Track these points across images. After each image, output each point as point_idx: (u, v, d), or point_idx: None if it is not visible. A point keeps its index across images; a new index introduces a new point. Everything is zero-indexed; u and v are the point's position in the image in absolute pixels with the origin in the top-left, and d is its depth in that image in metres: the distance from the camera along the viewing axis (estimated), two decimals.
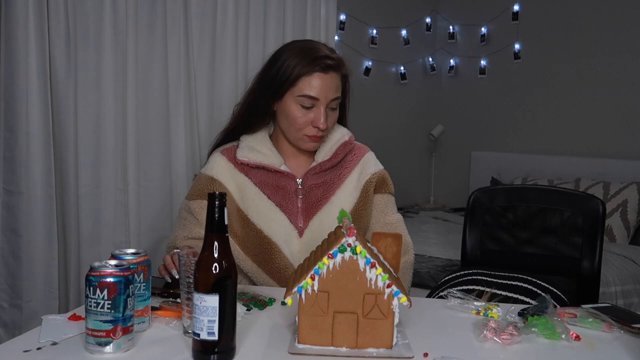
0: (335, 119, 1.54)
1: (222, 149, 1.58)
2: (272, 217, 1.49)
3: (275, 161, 1.53)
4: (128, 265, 1.00)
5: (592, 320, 1.18)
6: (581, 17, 3.96)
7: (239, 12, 2.28)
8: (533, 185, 3.51)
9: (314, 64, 1.44)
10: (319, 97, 1.44)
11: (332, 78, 1.47)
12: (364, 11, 4.13)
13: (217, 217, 0.94)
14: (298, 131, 1.49)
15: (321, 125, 1.45)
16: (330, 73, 1.46)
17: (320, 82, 1.44)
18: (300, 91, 1.45)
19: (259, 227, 1.48)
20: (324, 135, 1.51)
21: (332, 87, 1.47)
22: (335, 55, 1.51)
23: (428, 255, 2.99)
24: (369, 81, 4.20)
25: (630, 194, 3.37)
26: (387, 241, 1.10)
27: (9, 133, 1.95)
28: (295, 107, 1.46)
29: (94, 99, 2.06)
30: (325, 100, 1.45)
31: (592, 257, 1.83)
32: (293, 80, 1.45)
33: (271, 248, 1.48)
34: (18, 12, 1.89)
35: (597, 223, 1.84)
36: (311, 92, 1.44)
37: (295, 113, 1.46)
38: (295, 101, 1.46)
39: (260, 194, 1.51)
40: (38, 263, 1.98)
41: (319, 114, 1.45)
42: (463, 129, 4.64)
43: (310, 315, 0.99)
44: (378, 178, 1.59)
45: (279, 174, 1.52)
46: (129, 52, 2.09)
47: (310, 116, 1.46)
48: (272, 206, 1.50)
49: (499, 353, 1.03)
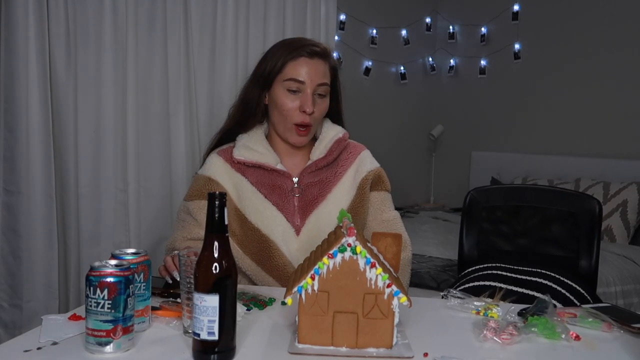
0: (325, 107, 1.55)
1: (219, 150, 1.60)
2: (270, 216, 1.50)
3: (272, 160, 1.54)
4: (128, 265, 1.00)
5: (592, 320, 1.18)
6: (581, 17, 3.96)
7: (239, 12, 2.28)
8: (529, 185, 3.51)
9: (300, 50, 1.50)
10: (304, 80, 1.48)
11: (318, 64, 1.51)
12: (364, 11, 4.13)
13: (217, 217, 0.94)
14: (287, 120, 1.50)
15: (307, 109, 1.47)
16: (315, 59, 1.50)
17: (306, 66, 1.49)
18: (286, 75, 1.49)
19: (257, 226, 1.49)
20: (311, 125, 1.52)
21: (318, 72, 1.50)
22: (322, 45, 1.55)
23: (428, 255, 2.99)
24: (369, 81, 4.20)
25: (630, 194, 3.37)
26: (387, 241, 1.10)
27: (9, 133, 1.95)
28: (283, 92, 1.49)
29: (94, 99, 2.06)
30: (311, 84, 1.48)
31: (589, 256, 1.84)
32: (280, 66, 1.50)
33: (269, 247, 1.48)
34: (18, 12, 1.89)
35: (594, 222, 1.85)
36: (297, 75, 1.48)
37: (283, 99, 1.49)
38: (282, 87, 1.49)
39: (257, 193, 1.52)
40: (38, 263, 1.99)
41: (306, 97, 1.48)
42: (463, 129, 4.64)
43: (310, 315, 1.00)
44: (374, 175, 1.60)
45: (275, 172, 1.53)
46: (129, 52, 2.09)
47: (297, 102, 1.49)
48: (269, 205, 1.51)
49: (499, 353, 1.03)
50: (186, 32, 2.19)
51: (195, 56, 2.23)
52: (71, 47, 2.02)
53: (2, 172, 1.96)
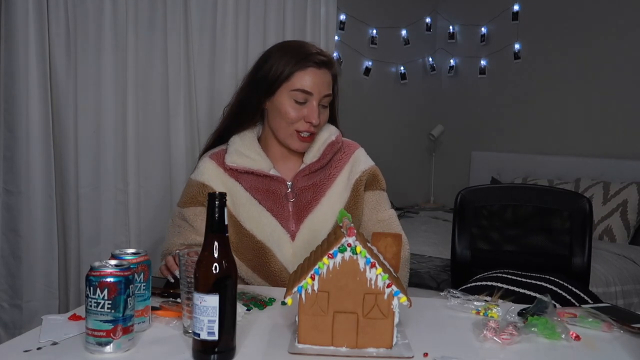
0: (327, 117, 1.54)
1: (211, 153, 1.57)
2: (264, 222, 1.49)
3: (264, 165, 1.52)
4: (128, 265, 1.00)
5: (592, 320, 1.18)
6: (581, 17, 3.96)
7: (239, 12, 2.28)
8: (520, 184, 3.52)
9: (308, 60, 1.46)
10: (312, 91, 1.46)
11: (325, 74, 1.49)
12: (364, 11, 4.13)
13: (217, 217, 0.94)
14: (289, 126, 1.48)
15: (314, 121, 1.46)
16: (323, 69, 1.48)
17: (314, 77, 1.46)
18: (294, 86, 1.46)
19: (252, 232, 1.48)
20: (315, 133, 1.51)
21: (324, 83, 1.48)
22: (327, 54, 1.54)
23: (428, 255, 2.99)
24: (369, 81, 4.20)
25: (630, 194, 3.37)
26: (387, 241, 1.10)
27: (9, 133, 1.95)
28: (289, 102, 1.47)
29: (94, 99, 2.06)
30: (318, 96, 1.47)
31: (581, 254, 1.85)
32: (287, 75, 1.46)
33: (265, 253, 1.47)
34: (18, 12, 1.89)
35: (585, 221, 1.87)
36: (305, 86, 1.45)
37: (288, 108, 1.47)
38: (288, 96, 1.46)
39: (252, 199, 1.50)
40: (38, 263, 1.98)
41: (312, 109, 1.46)
42: (463, 129, 4.64)
43: (310, 315, 1.00)
44: (368, 175, 1.58)
45: (268, 178, 1.51)
46: (129, 52, 2.09)
47: (303, 112, 1.47)
48: (263, 211, 1.49)
49: (499, 353, 1.03)
50: (186, 32, 2.19)
51: (195, 56, 2.23)
52: (71, 47, 2.02)
53: (2, 172, 1.96)
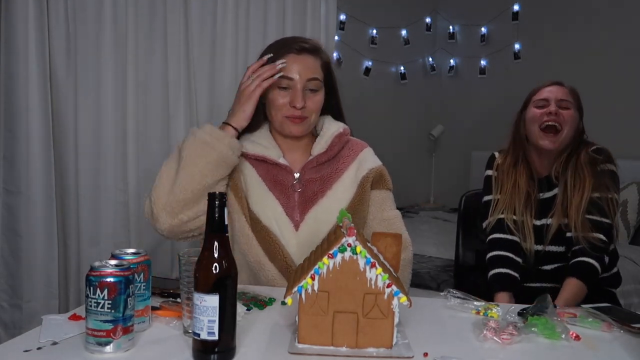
0: (318, 100, 1.56)
1: None
2: (270, 207, 1.52)
3: (274, 153, 1.56)
4: (128, 265, 1.00)
5: (591, 320, 1.18)
6: (581, 17, 3.96)
7: (239, 12, 2.29)
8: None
9: (288, 47, 1.52)
10: (293, 76, 1.49)
11: (307, 59, 1.52)
12: (364, 11, 4.13)
13: (217, 217, 0.94)
14: (278, 113, 1.52)
15: (297, 104, 1.49)
16: (304, 54, 1.52)
17: (294, 62, 1.50)
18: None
19: (257, 216, 1.51)
20: (306, 117, 1.53)
21: (307, 67, 1.51)
22: (311, 41, 1.57)
23: (428, 255, 2.99)
24: (369, 81, 4.20)
25: (630, 194, 3.37)
26: (387, 241, 1.10)
27: (9, 133, 1.95)
28: (274, 89, 1.51)
29: (94, 99, 2.07)
30: (301, 80, 1.50)
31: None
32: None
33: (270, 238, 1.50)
34: (18, 12, 1.90)
35: None
36: (286, 72, 1.49)
37: (275, 96, 1.51)
38: (274, 84, 1.51)
39: (262, 184, 1.54)
40: (38, 263, 1.99)
41: (296, 93, 1.50)
42: (463, 129, 4.64)
43: (310, 315, 0.99)
44: (375, 174, 1.60)
45: (277, 167, 1.55)
46: (129, 52, 2.09)
47: (288, 98, 1.51)
48: (271, 197, 1.53)
49: (499, 353, 1.03)
50: (186, 32, 2.19)
51: (195, 56, 2.23)
52: (71, 47, 2.02)
53: (2, 172, 1.96)
